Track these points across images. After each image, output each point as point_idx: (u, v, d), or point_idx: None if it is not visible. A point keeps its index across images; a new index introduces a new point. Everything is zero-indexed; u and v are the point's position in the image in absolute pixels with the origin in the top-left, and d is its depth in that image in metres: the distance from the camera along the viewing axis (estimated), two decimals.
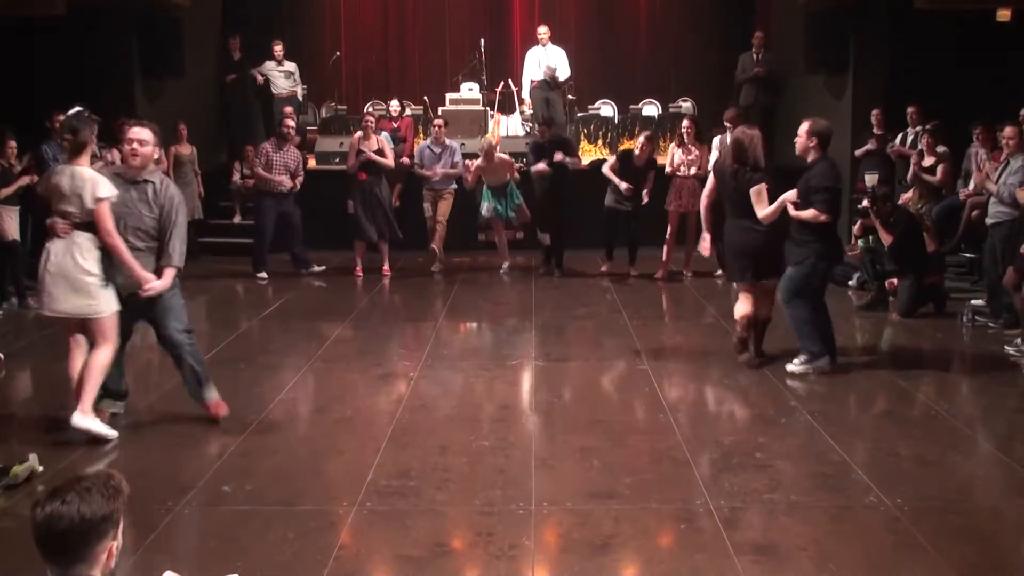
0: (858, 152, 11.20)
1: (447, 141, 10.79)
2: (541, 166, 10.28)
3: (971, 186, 9.32)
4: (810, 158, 6.37)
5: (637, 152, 10.26)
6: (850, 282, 9.49)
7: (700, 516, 4.24)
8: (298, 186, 10.57)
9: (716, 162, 7.19)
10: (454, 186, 10.71)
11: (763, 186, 6.41)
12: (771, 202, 6.41)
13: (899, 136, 10.82)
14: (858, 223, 9.12)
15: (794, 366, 6.47)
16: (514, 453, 5.05)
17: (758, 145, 6.50)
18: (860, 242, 9.42)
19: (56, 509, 2.12)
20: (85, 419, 5.17)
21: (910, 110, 10.69)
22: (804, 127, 6.39)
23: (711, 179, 6.93)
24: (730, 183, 6.54)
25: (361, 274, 10.41)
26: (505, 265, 10.83)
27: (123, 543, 2.27)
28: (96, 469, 2.28)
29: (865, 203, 8.90)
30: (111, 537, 2.18)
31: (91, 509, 2.13)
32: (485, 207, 10.52)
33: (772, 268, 6.59)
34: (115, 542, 2.20)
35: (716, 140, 10.34)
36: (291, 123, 10.89)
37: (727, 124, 9.97)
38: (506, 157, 10.57)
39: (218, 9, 13.78)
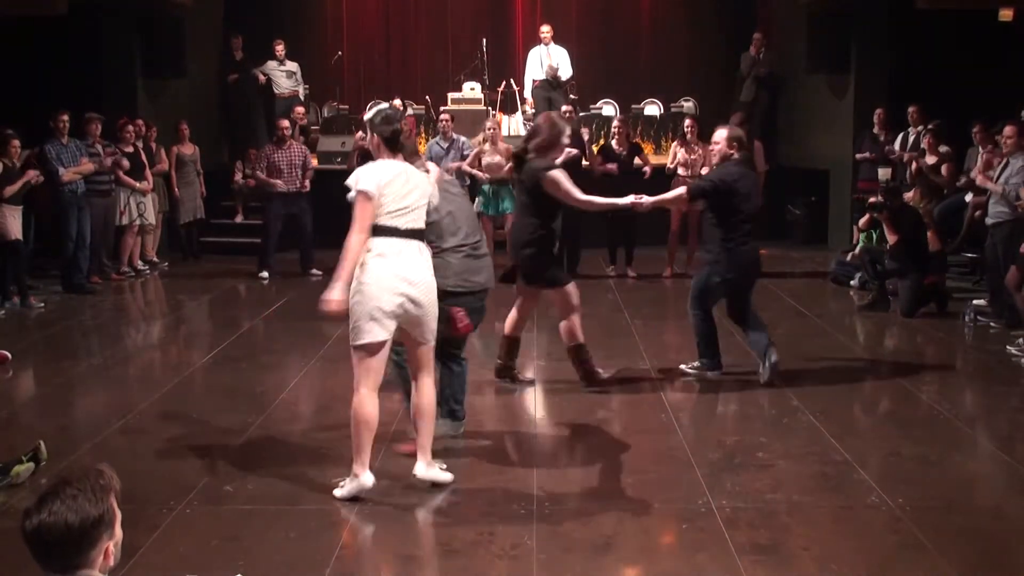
0: (858, 156, 11.20)
1: (454, 136, 10.77)
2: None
3: (974, 175, 9.22)
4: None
5: (615, 139, 10.20)
6: (851, 282, 9.48)
7: (702, 516, 4.24)
8: (308, 181, 10.62)
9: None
10: (467, 182, 10.66)
11: None
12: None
13: (899, 136, 10.81)
14: (864, 217, 9.12)
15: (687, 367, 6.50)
16: (516, 452, 5.06)
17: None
18: (862, 236, 9.42)
19: (43, 521, 2.07)
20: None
21: (911, 110, 10.68)
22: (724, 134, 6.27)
23: None
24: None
25: None
26: None
27: (126, 543, 2.25)
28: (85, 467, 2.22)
29: (870, 199, 8.89)
30: (106, 538, 2.14)
31: (79, 517, 2.08)
32: (478, 201, 10.47)
33: None
34: (112, 540, 2.16)
35: None
36: (284, 123, 10.89)
37: None
38: (509, 146, 10.46)
39: (220, 8, 13.78)
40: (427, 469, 4.53)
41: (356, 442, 4.39)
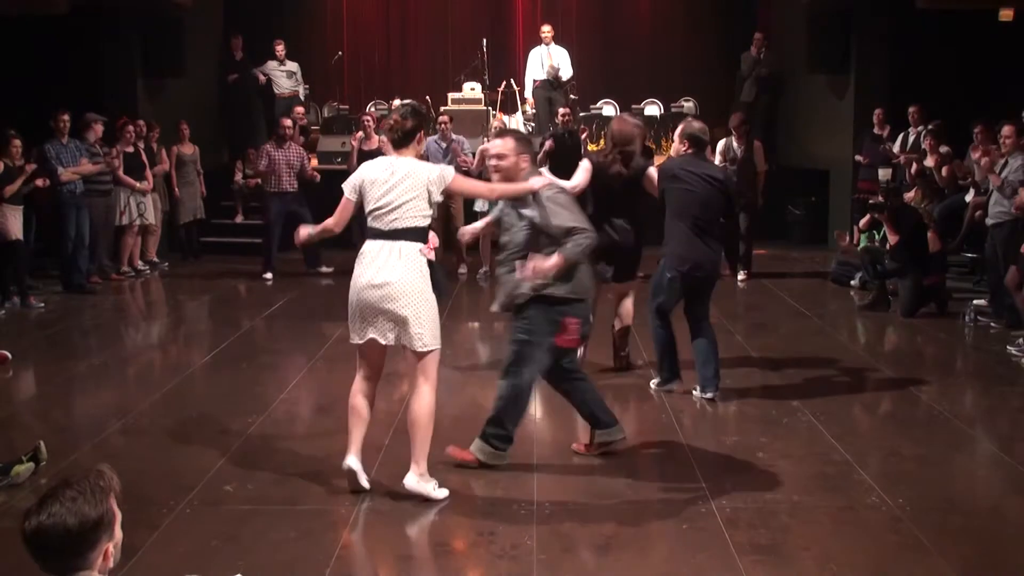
0: (858, 157, 11.21)
1: (453, 136, 10.77)
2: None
3: (978, 174, 9.22)
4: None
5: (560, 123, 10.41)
6: (852, 282, 9.48)
7: (702, 516, 4.24)
8: (318, 177, 10.67)
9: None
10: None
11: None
12: None
13: (900, 136, 10.80)
14: (865, 217, 9.11)
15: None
16: (516, 452, 5.04)
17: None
18: (863, 236, 9.42)
19: (42, 523, 2.07)
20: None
21: (911, 110, 10.68)
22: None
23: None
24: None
25: None
26: (482, 271, 10.58)
27: (126, 543, 2.25)
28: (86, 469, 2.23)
29: (871, 200, 8.90)
30: (105, 540, 2.15)
31: (78, 520, 2.08)
32: (478, 202, 10.40)
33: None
34: (112, 542, 2.17)
35: (720, 144, 10.06)
36: (287, 122, 10.88)
37: (732, 130, 9.91)
38: None
39: (220, 8, 13.79)
40: (418, 481, 4.40)
41: (348, 426, 4.53)
